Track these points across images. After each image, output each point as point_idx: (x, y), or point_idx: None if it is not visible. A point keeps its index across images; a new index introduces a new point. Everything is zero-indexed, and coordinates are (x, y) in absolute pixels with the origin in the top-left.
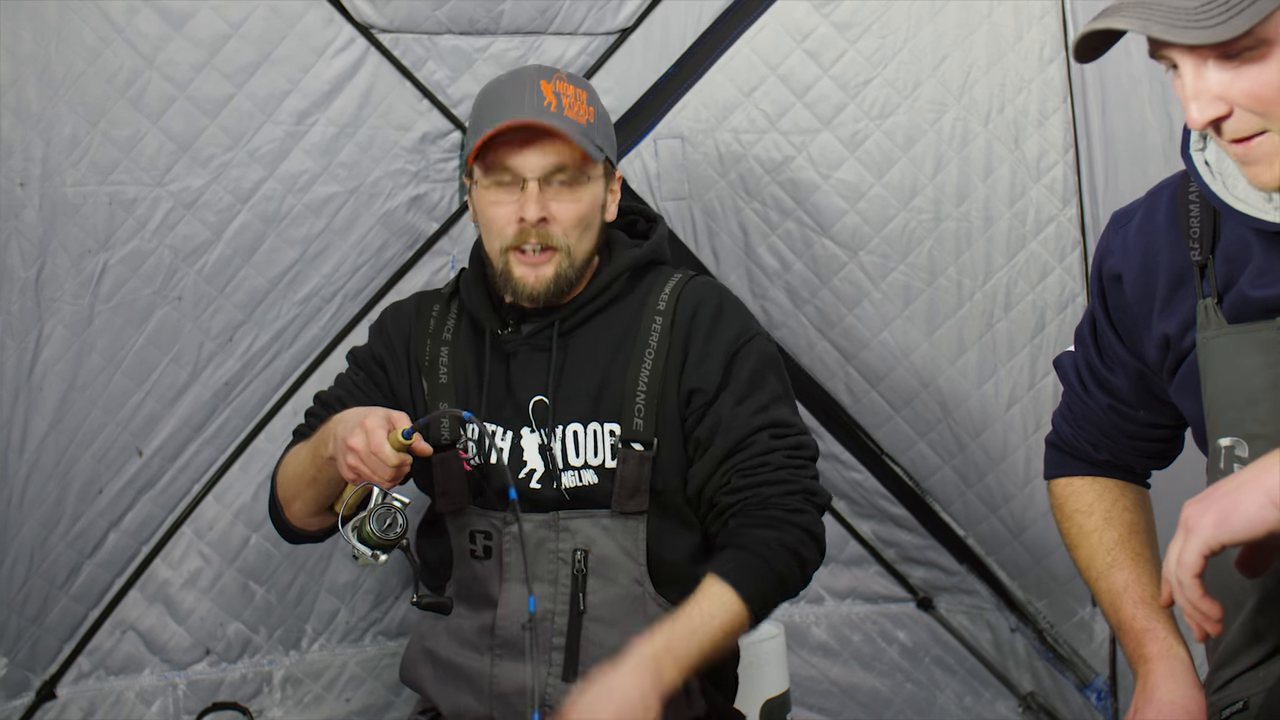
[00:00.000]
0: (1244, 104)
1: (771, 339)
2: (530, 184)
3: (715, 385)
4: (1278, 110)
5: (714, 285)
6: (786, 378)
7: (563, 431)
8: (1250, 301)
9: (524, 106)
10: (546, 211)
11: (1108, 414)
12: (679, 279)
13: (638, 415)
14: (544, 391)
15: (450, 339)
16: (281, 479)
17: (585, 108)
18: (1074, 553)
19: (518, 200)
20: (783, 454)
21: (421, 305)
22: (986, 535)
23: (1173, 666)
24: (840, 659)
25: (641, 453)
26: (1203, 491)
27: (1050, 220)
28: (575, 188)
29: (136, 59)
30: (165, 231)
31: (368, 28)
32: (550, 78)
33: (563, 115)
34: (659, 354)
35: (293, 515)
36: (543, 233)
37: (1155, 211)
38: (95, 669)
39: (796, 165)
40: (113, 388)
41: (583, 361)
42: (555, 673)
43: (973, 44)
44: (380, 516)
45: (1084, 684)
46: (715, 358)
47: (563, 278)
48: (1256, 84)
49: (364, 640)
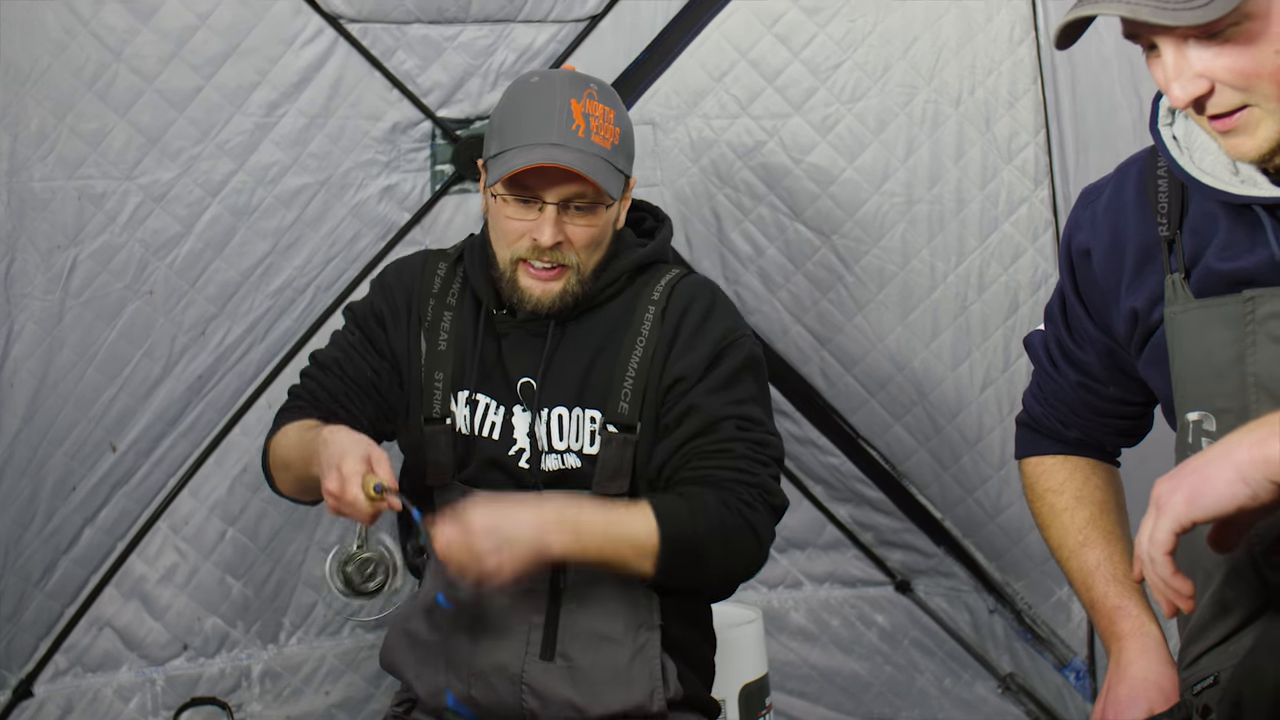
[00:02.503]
0: (1226, 80)
1: (759, 342)
2: (549, 208)
3: (696, 376)
4: (1260, 84)
5: (708, 284)
6: (767, 384)
7: (548, 414)
8: (1217, 275)
9: (552, 131)
10: (562, 235)
11: (1077, 391)
12: (675, 274)
13: (623, 400)
14: (534, 375)
15: (454, 304)
16: (274, 457)
17: (612, 129)
18: (1045, 532)
19: (534, 220)
20: (746, 445)
21: (428, 263)
22: (963, 517)
23: (1145, 643)
24: (819, 643)
25: (624, 436)
26: (1174, 469)
27: (1022, 201)
28: (592, 213)
29: (103, 51)
30: (135, 225)
31: (336, 17)
32: (581, 94)
33: (589, 140)
34: (648, 344)
35: (285, 488)
36: (555, 253)
37: (1123, 187)
38: (72, 666)
39: (768, 150)
40: (85, 383)
41: (574, 349)
42: (534, 651)
43: (942, 26)
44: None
45: (1062, 664)
46: (701, 351)
47: (569, 293)
48: (1239, 60)
49: (342, 633)
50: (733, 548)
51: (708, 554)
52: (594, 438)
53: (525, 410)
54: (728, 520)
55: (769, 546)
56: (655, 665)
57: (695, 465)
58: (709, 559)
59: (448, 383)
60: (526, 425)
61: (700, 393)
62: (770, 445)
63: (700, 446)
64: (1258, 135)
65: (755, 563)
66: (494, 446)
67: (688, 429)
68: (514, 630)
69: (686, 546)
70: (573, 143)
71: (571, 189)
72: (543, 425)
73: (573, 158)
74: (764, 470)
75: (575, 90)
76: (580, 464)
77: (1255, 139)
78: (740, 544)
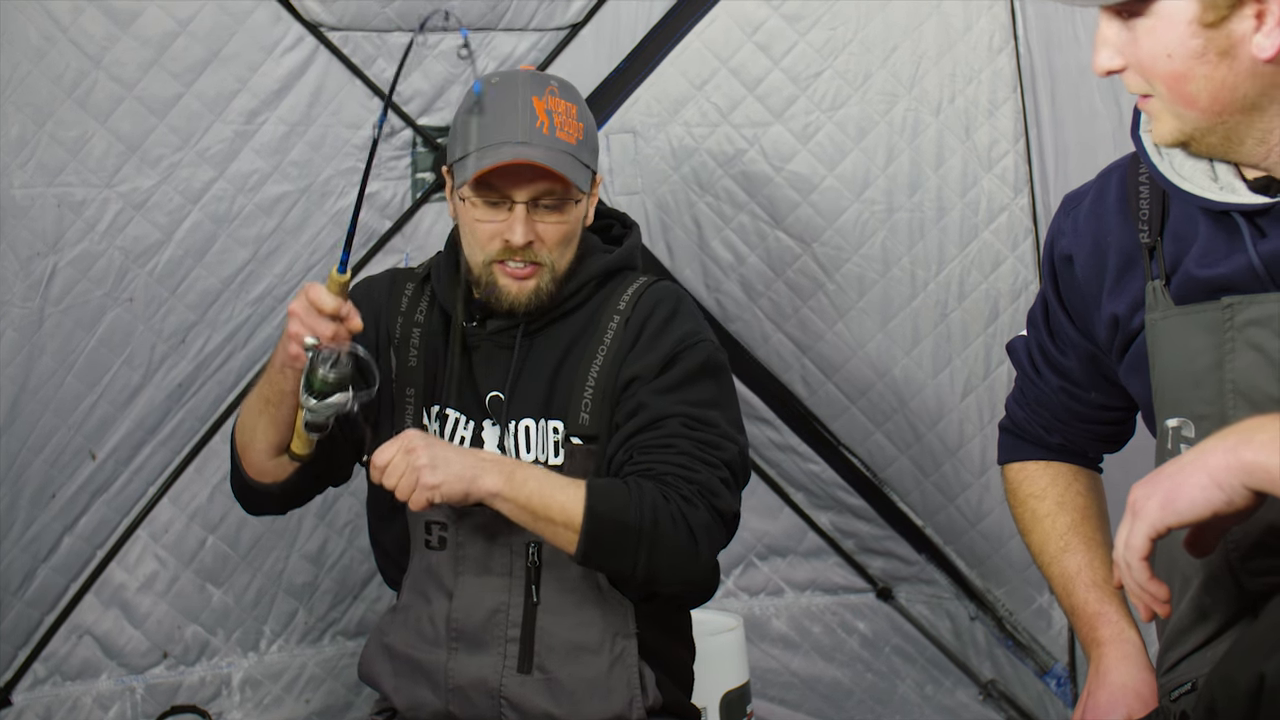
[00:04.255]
0: (1132, 65)
1: (722, 349)
2: (518, 207)
3: (650, 376)
4: (1155, 82)
5: (674, 290)
6: (730, 390)
7: (515, 427)
8: (1197, 281)
9: (516, 130)
10: (534, 234)
11: (1059, 396)
12: (642, 282)
13: (584, 410)
14: (501, 388)
15: (422, 321)
16: (238, 424)
17: (575, 124)
18: (1027, 538)
19: (505, 220)
20: (691, 443)
21: (395, 281)
22: (944, 524)
23: (1124, 650)
24: (800, 650)
25: (587, 447)
26: (1149, 474)
27: (1002, 209)
28: (561, 209)
29: (83, 59)
30: (115, 233)
31: (317, 25)
32: (542, 92)
33: (554, 136)
34: (610, 350)
35: (250, 464)
36: (528, 253)
37: (1105, 193)
38: (51, 675)
39: (749, 158)
40: (64, 391)
41: (540, 361)
42: (511, 664)
43: (922, 35)
44: (325, 358)
45: (1043, 671)
46: (658, 352)
47: (544, 291)
48: (1139, 51)
49: (323, 641)
50: (662, 539)
51: (634, 539)
52: (558, 448)
53: (495, 424)
54: (660, 510)
55: (710, 547)
56: (633, 674)
57: (638, 460)
58: (635, 545)
59: (419, 398)
60: (496, 439)
61: (650, 391)
62: (722, 448)
63: (644, 441)
64: (1162, 125)
65: (690, 562)
66: None
67: (633, 425)
68: (491, 644)
69: (612, 526)
70: (538, 140)
71: (540, 186)
72: (511, 438)
73: (540, 154)
74: (709, 470)
75: (536, 88)
76: None
77: (1161, 127)
78: (671, 538)
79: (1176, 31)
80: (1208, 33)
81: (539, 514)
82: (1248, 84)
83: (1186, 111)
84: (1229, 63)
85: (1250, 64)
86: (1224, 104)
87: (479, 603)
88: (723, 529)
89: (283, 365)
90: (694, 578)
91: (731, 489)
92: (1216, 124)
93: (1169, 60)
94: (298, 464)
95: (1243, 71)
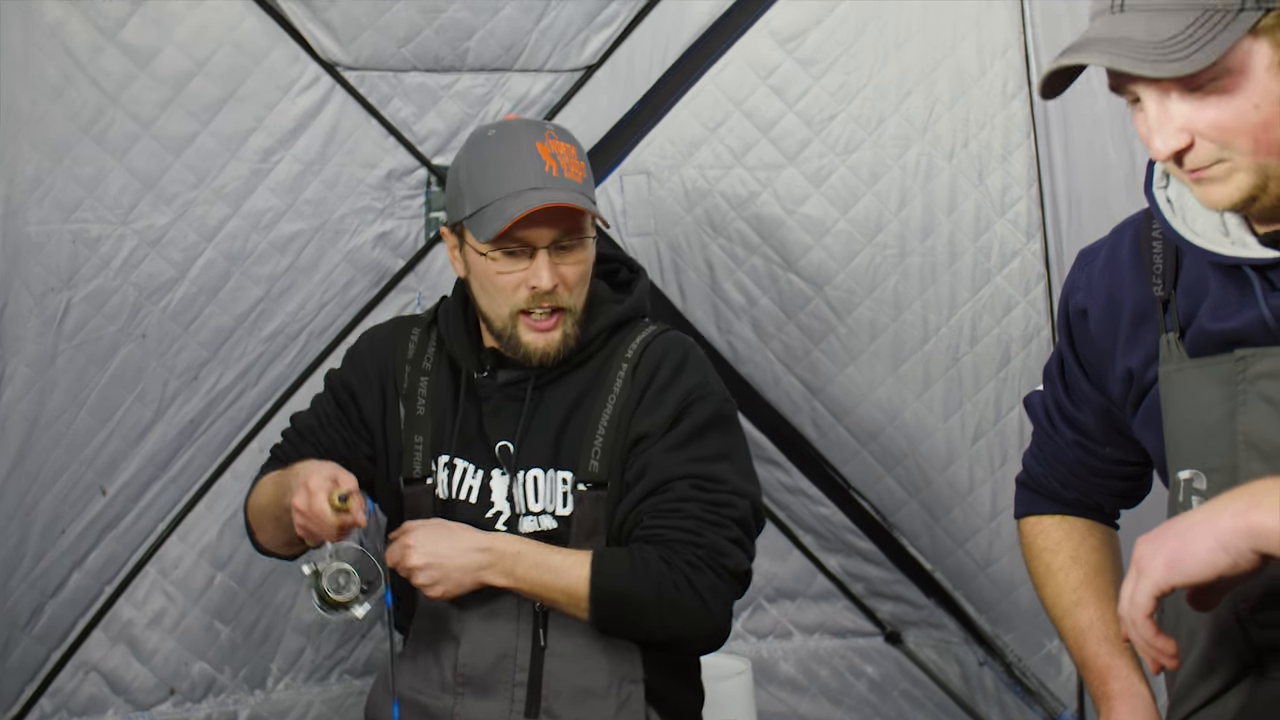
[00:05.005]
0: (1207, 134)
1: (731, 400)
2: (540, 253)
3: (658, 434)
4: (1238, 140)
5: (683, 340)
6: (740, 440)
7: (524, 476)
8: (1209, 335)
9: (530, 176)
10: (557, 277)
11: (1075, 450)
12: (650, 332)
13: (594, 458)
14: (511, 438)
15: (430, 369)
16: (252, 508)
17: (579, 164)
18: (1040, 591)
19: (526, 268)
20: (699, 505)
21: (399, 330)
22: (954, 569)
23: (1134, 704)
24: (808, 694)
25: (596, 494)
26: (1156, 529)
27: (1014, 255)
28: (578, 249)
29: (100, 96)
30: (129, 269)
31: (333, 65)
32: (543, 136)
33: (564, 178)
34: (618, 401)
35: (262, 542)
36: (553, 298)
37: (1119, 248)
38: (58, 710)
39: (762, 201)
40: (76, 426)
41: (550, 412)
42: (518, 709)
43: (936, 80)
44: (333, 578)
45: (1052, 717)
46: (665, 409)
47: (570, 336)
48: (1220, 115)
49: (330, 679)
50: (670, 607)
51: (642, 610)
52: (566, 498)
53: (504, 473)
54: (665, 578)
55: (720, 608)
56: (640, 718)
57: (646, 525)
58: (645, 615)
59: (428, 446)
60: (504, 488)
61: (658, 451)
62: (733, 506)
63: (653, 505)
64: (1230, 185)
65: (703, 623)
66: (471, 510)
67: (642, 488)
68: (498, 689)
69: (618, 599)
70: (552, 183)
71: (559, 229)
72: (520, 488)
73: (564, 195)
74: (717, 531)
75: (537, 133)
76: (556, 525)
77: (1227, 188)
78: (680, 604)
79: (1259, 81)
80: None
81: (546, 598)
82: None
83: (1268, 160)
84: None
85: None
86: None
87: (486, 647)
88: (733, 587)
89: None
90: (714, 635)
91: (743, 546)
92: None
93: (1256, 111)
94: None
95: None
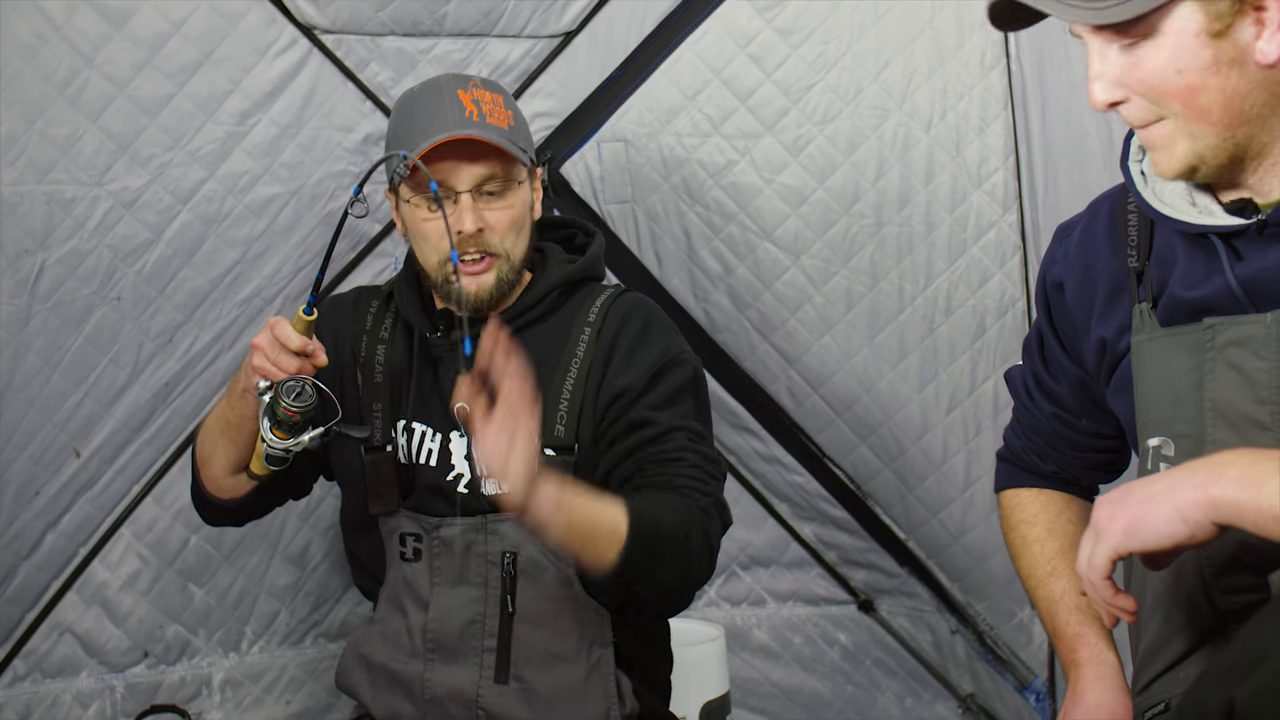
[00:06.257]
0: (1138, 90)
1: (698, 361)
2: (463, 196)
3: (639, 390)
4: (1169, 101)
5: (644, 301)
6: (708, 403)
7: None
8: (1180, 303)
9: (448, 119)
10: (482, 221)
11: (1052, 423)
12: (610, 293)
13: (559, 423)
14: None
15: (387, 338)
16: (199, 440)
17: (504, 111)
18: (1017, 562)
19: (451, 214)
20: (698, 456)
21: (360, 299)
22: (927, 538)
23: (1101, 671)
24: (781, 661)
25: (563, 459)
26: (1116, 490)
27: (991, 226)
28: (506, 194)
29: (75, 57)
30: (104, 231)
31: (310, 28)
32: (466, 85)
33: (485, 123)
34: (583, 363)
35: (209, 479)
36: (480, 241)
37: (1095, 222)
38: (31, 672)
39: (739, 169)
40: (50, 388)
41: None
42: (488, 674)
43: (914, 50)
44: (289, 389)
45: (1023, 685)
46: (639, 368)
47: (504, 282)
48: (1149, 73)
49: (304, 642)
50: (690, 551)
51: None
52: None
53: (462, 435)
54: (686, 523)
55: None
56: (610, 682)
57: (651, 472)
58: (667, 558)
59: (386, 412)
60: (464, 450)
61: (646, 406)
62: (717, 463)
63: (654, 455)
64: (1173, 153)
65: (703, 570)
66: (433, 473)
67: (639, 439)
68: (467, 654)
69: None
70: (470, 126)
71: (480, 171)
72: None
73: (474, 131)
74: (715, 484)
75: (460, 84)
76: None
77: (1171, 156)
78: (696, 549)
79: (1186, 45)
80: (1216, 43)
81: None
82: (1256, 92)
83: (1200, 128)
84: (1239, 71)
85: (1257, 71)
86: (1235, 114)
87: (455, 613)
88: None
89: (244, 390)
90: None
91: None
92: (1228, 138)
93: (1179, 75)
94: (255, 483)
95: (1253, 79)
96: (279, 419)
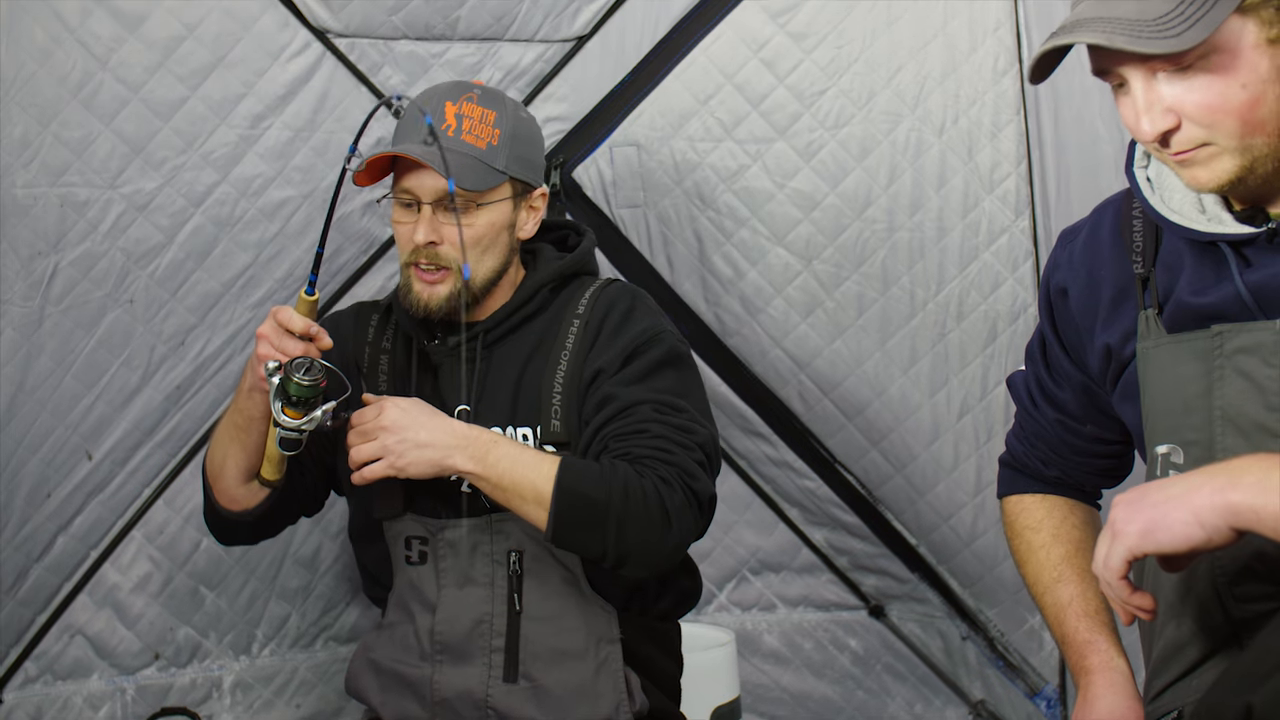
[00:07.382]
0: (1194, 116)
1: (685, 341)
2: (425, 207)
3: (614, 369)
4: (1225, 121)
5: (629, 288)
6: (695, 379)
7: None
8: (1188, 310)
9: (416, 132)
10: (437, 235)
11: (1055, 429)
12: (598, 285)
13: (554, 417)
14: (468, 401)
15: (389, 348)
16: (209, 454)
17: (490, 130)
18: (1022, 568)
19: (414, 221)
20: (664, 427)
21: (360, 314)
22: (938, 544)
23: (1112, 678)
24: (791, 666)
25: (562, 454)
26: (1134, 490)
27: (1003, 231)
28: (467, 212)
29: (89, 60)
30: (117, 234)
31: (324, 32)
32: (458, 98)
33: (458, 139)
34: (573, 354)
35: (222, 492)
36: (431, 253)
37: (1100, 227)
38: (42, 674)
39: (751, 174)
40: (62, 391)
41: (504, 370)
42: (496, 674)
43: (927, 56)
44: (298, 365)
45: (1033, 692)
46: (618, 347)
47: (455, 296)
48: (1208, 95)
49: (315, 646)
50: (633, 518)
51: (603, 517)
52: None
53: None
54: (633, 487)
55: (682, 530)
56: (619, 678)
57: (613, 447)
58: (604, 522)
59: None
60: None
61: (616, 383)
62: (695, 432)
63: (617, 429)
64: (1215, 169)
65: (660, 541)
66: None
67: (605, 415)
68: (476, 655)
69: (581, 502)
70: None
71: (440, 188)
72: None
73: (419, 151)
74: (684, 453)
75: (453, 95)
76: None
77: (1212, 171)
78: (642, 517)
79: (1247, 59)
80: (1272, 50)
81: (510, 491)
82: None
83: (1255, 140)
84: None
85: None
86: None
87: (462, 614)
88: (699, 512)
89: (251, 389)
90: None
91: (707, 471)
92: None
93: (1244, 90)
94: (269, 490)
95: None
96: (290, 397)
